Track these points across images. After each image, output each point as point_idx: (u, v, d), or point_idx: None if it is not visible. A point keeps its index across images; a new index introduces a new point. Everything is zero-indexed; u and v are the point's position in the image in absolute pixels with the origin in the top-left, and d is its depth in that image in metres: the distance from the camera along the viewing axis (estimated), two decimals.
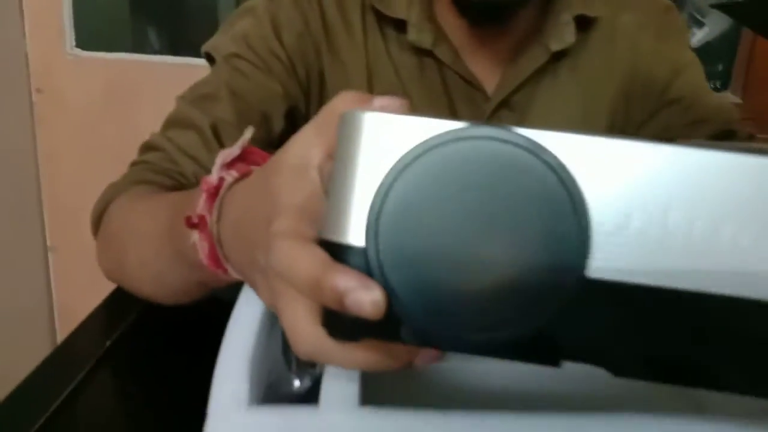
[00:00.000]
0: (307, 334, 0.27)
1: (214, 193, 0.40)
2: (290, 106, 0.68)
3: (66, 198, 1.58)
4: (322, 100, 0.71)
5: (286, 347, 0.37)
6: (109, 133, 1.51)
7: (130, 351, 0.31)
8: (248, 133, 0.42)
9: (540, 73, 0.70)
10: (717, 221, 0.23)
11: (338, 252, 0.25)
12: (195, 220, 0.40)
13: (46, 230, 1.63)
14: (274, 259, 0.27)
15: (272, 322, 0.36)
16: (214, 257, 0.40)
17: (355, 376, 0.32)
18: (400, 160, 0.24)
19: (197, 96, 0.66)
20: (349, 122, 0.25)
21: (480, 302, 0.24)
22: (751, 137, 0.71)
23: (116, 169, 0.66)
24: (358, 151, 0.25)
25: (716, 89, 1.39)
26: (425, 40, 0.68)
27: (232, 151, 0.41)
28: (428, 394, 0.38)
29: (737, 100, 1.34)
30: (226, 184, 0.40)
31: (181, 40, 1.55)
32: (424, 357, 0.28)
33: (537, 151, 0.24)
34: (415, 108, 0.70)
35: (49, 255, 1.64)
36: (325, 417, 0.30)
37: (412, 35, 0.68)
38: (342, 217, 0.25)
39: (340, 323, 0.26)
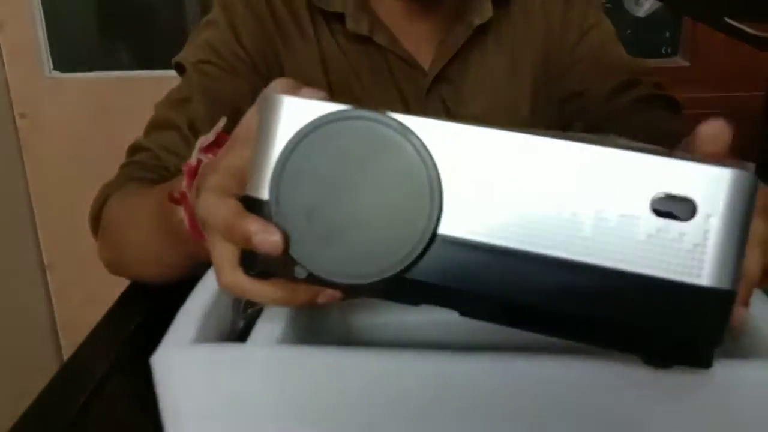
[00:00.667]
0: (228, 272, 0.35)
1: (193, 173, 0.47)
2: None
3: (58, 215, 1.63)
4: None
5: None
6: (94, 150, 1.55)
7: (139, 359, 0.36)
8: (222, 122, 0.49)
9: (469, 47, 0.78)
10: (544, 193, 0.29)
11: (252, 204, 0.32)
12: (177, 195, 0.47)
13: (42, 248, 1.68)
14: (200, 208, 0.35)
15: None
16: (195, 227, 0.47)
17: (283, 319, 0.38)
18: (298, 132, 0.31)
19: (173, 101, 0.74)
20: (268, 102, 0.32)
21: (352, 249, 0.30)
22: (657, 85, 0.78)
23: (104, 182, 0.72)
24: (271, 125, 0.32)
25: (666, 55, 1.45)
26: (362, 28, 0.75)
27: (208, 138, 0.49)
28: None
29: (686, 63, 1.40)
30: (203, 165, 0.47)
31: (152, 55, 1.61)
32: (324, 296, 0.34)
33: (402, 130, 0.30)
34: (367, 90, 0.78)
35: (47, 272, 1.70)
36: (246, 351, 0.36)
37: (350, 25, 0.75)
38: (256, 177, 0.32)
39: (251, 263, 0.33)
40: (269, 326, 0.37)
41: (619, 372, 0.32)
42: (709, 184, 0.27)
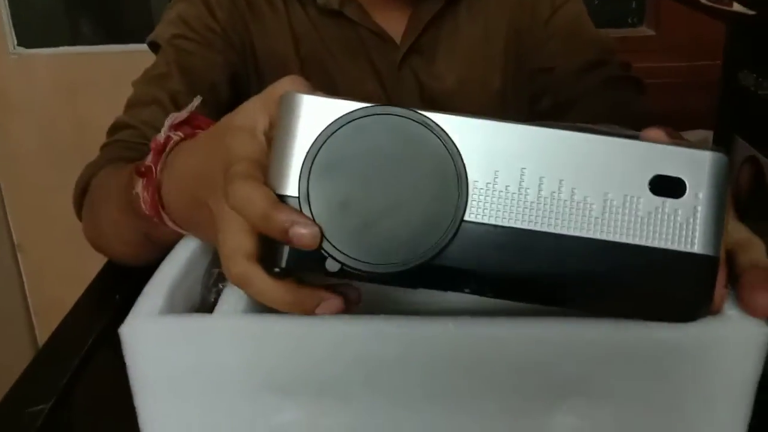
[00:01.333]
0: (240, 263, 0.34)
1: (161, 149, 0.47)
2: (232, 73, 0.77)
3: (28, 196, 1.61)
4: (257, 67, 0.79)
5: (208, 270, 0.44)
6: (62, 126, 1.54)
7: (117, 340, 0.36)
8: (196, 101, 0.49)
9: (441, 17, 0.78)
10: (558, 180, 0.32)
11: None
12: (142, 169, 0.47)
13: (12, 230, 1.66)
14: (233, 196, 0.33)
15: (201, 258, 0.43)
16: (155, 205, 0.46)
17: None
18: (327, 128, 0.32)
19: (151, 77, 0.74)
20: (288, 101, 0.33)
21: (384, 239, 0.32)
22: (625, 66, 0.79)
23: (73, 160, 0.72)
24: (295, 123, 0.33)
25: (632, 25, 1.47)
26: (333, 2, 0.75)
27: (180, 115, 0.48)
28: None
29: (651, 33, 1.42)
30: (172, 142, 0.47)
31: (117, 29, 1.58)
32: (325, 307, 0.35)
33: (428, 124, 0.32)
34: (339, 64, 0.79)
35: (18, 254, 1.68)
36: (213, 321, 0.36)
37: None
38: (282, 174, 0.33)
39: (278, 258, 0.33)
40: (235, 296, 0.38)
41: (570, 332, 0.34)
42: (696, 165, 0.32)
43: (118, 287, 0.66)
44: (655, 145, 0.32)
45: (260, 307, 0.38)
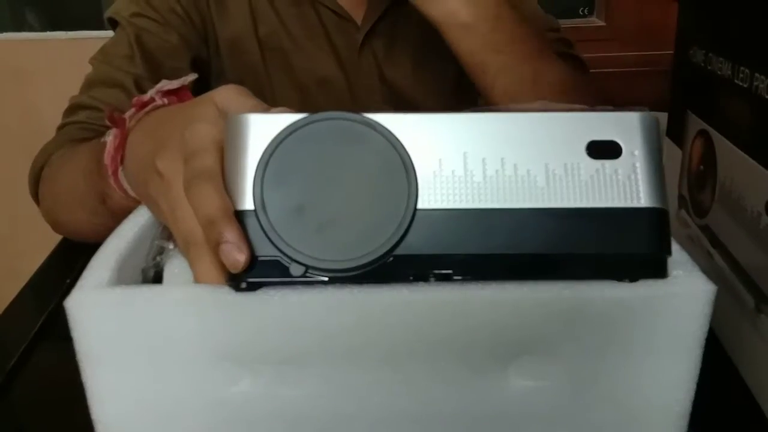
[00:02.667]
0: (191, 219, 0.34)
1: (142, 106, 0.46)
2: (194, 56, 0.76)
3: None
4: (217, 48, 0.78)
5: (151, 243, 0.43)
6: (7, 114, 1.50)
7: (63, 329, 0.35)
8: (191, 76, 0.49)
9: (400, 2, 0.77)
10: (500, 159, 0.34)
11: (237, 218, 0.33)
12: (116, 117, 0.46)
13: None
14: (197, 191, 0.34)
15: (149, 233, 0.43)
16: (115, 157, 0.46)
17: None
18: (273, 140, 0.33)
19: (112, 56, 0.73)
20: (234, 122, 0.34)
21: (344, 238, 0.32)
22: (568, 45, 0.81)
23: (19, 148, 0.69)
24: (243, 142, 0.34)
25: (583, 15, 1.49)
26: None
27: (171, 84, 0.48)
28: None
29: (601, 23, 1.44)
30: (153, 105, 0.46)
31: (64, 16, 1.55)
32: None
33: (371, 124, 0.33)
34: (298, 45, 0.78)
35: None
36: (161, 292, 0.36)
37: None
38: (237, 191, 0.33)
39: (245, 272, 0.33)
40: (183, 265, 0.37)
41: (521, 294, 0.34)
42: (626, 126, 0.34)
43: (65, 274, 0.63)
44: (585, 114, 0.34)
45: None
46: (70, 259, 0.65)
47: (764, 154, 0.46)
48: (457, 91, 0.82)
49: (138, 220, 0.43)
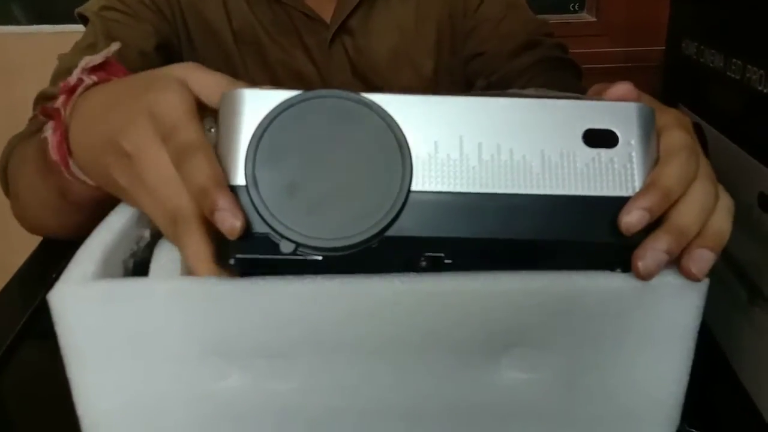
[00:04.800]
0: (206, 269, 0.34)
1: (71, 90, 0.44)
2: (163, 42, 0.75)
3: None
4: (188, 35, 0.78)
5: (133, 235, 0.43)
6: None
7: (48, 324, 0.34)
8: (114, 46, 0.47)
9: None
10: (496, 144, 0.33)
11: None
12: (50, 110, 0.43)
13: None
14: (189, 164, 0.33)
15: (136, 226, 0.42)
16: (62, 150, 0.43)
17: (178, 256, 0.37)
18: (267, 115, 0.32)
19: (79, 49, 0.72)
20: (230, 97, 0.33)
21: (336, 216, 0.32)
22: (562, 48, 0.80)
23: (5, 142, 0.68)
24: (238, 117, 0.33)
25: (573, 11, 1.49)
26: None
27: (94, 59, 0.45)
28: None
29: (592, 19, 1.44)
30: (84, 86, 0.44)
31: (48, 10, 1.53)
32: None
33: (367, 103, 0.32)
34: (273, 40, 0.78)
35: None
36: (148, 285, 0.35)
37: None
38: (229, 166, 0.33)
39: (234, 248, 0.32)
40: (170, 258, 0.37)
41: (513, 284, 0.34)
42: (624, 116, 0.34)
43: (48, 272, 0.63)
44: (583, 102, 0.34)
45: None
46: (56, 253, 0.64)
47: (757, 147, 0.46)
48: (434, 87, 0.82)
49: (125, 211, 0.42)
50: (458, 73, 0.83)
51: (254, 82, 0.86)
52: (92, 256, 0.37)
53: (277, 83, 0.79)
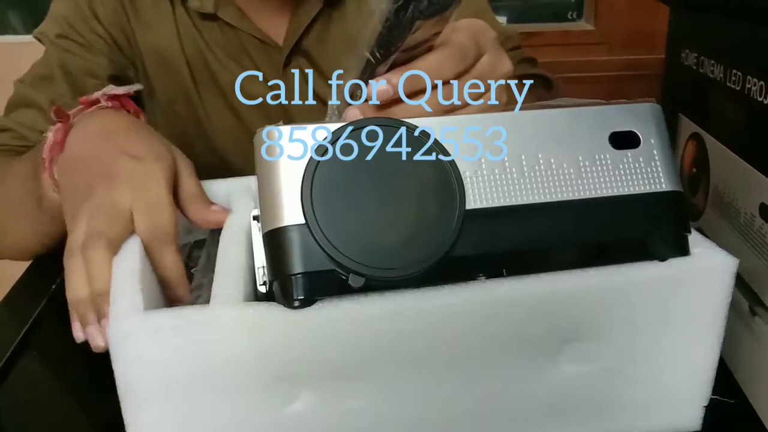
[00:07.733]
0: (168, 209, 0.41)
1: (90, 104, 0.49)
2: (118, 73, 0.75)
3: None
4: (143, 64, 0.76)
5: None
6: None
7: (45, 339, 0.33)
8: (137, 86, 0.51)
9: (325, 18, 0.76)
10: (536, 155, 0.35)
11: (282, 235, 0.32)
12: (62, 112, 0.48)
13: None
14: (151, 209, 0.41)
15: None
16: (55, 151, 0.48)
17: (241, 277, 0.37)
18: (316, 149, 0.32)
19: (34, 77, 0.73)
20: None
21: (399, 245, 0.32)
22: (531, 61, 0.80)
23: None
24: (279, 155, 0.33)
25: (572, 19, 1.50)
26: (207, 5, 0.73)
27: (117, 89, 0.49)
28: None
29: (590, 27, 1.45)
30: (96, 106, 0.48)
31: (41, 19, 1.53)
32: None
33: (411, 127, 0.33)
34: (224, 65, 0.76)
35: None
36: (212, 313, 0.34)
37: (194, 3, 0.73)
38: (279, 206, 0.32)
39: (305, 287, 0.32)
40: (229, 285, 0.36)
41: (570, 283, 0.36)
42: (641, 116, 0.36)
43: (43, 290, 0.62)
44: (603, 108, 0.36)
45: (255, 293, 0.37)
46: (51, 269, 0.64)
47: (757, 157, 0.46)
48: None
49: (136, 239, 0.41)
50: None
51: (213, 113, 0.87)
52: (131, 285, 0.36)
53: (233, 110, 0.77)
